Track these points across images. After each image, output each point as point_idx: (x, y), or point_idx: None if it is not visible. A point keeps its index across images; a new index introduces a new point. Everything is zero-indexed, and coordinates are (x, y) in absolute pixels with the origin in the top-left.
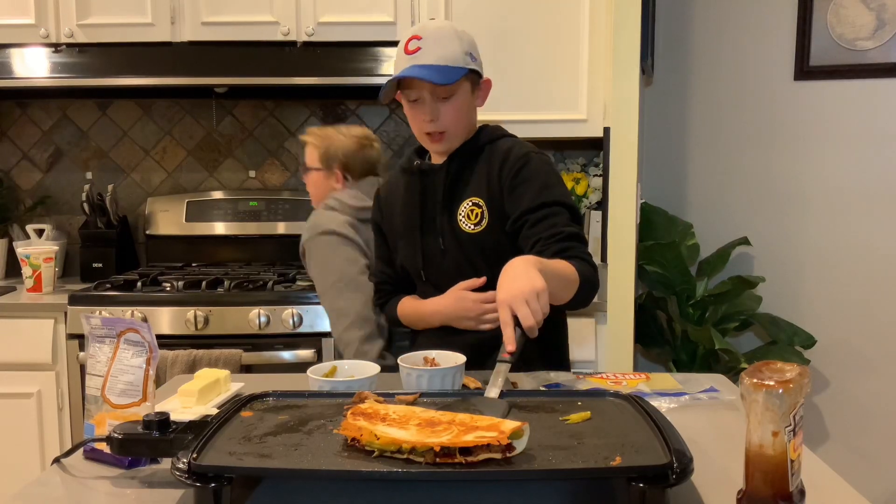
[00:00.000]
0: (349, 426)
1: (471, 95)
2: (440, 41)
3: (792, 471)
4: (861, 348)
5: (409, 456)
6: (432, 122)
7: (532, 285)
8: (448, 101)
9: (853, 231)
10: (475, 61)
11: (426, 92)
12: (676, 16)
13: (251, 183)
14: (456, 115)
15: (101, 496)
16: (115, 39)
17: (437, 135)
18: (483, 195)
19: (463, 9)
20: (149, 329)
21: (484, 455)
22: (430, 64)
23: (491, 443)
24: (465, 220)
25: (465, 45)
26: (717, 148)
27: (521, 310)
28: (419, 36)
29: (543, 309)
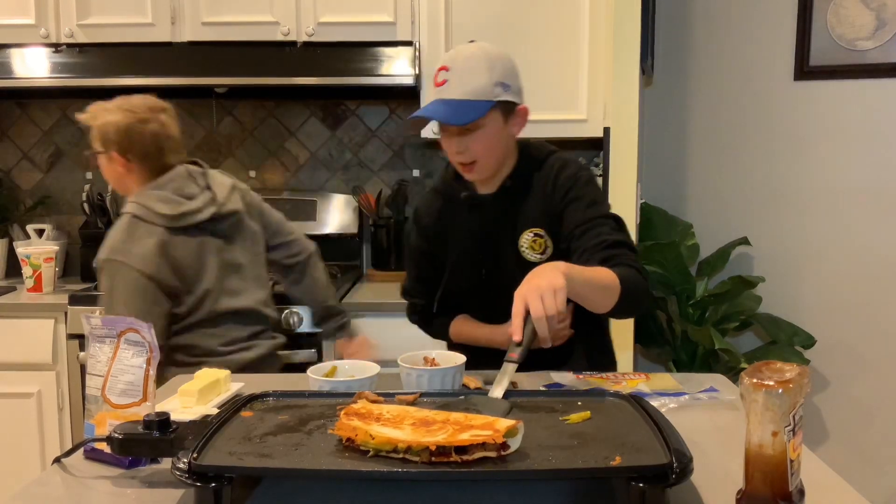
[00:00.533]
0: (344, 426)
1: (502, 125)
2: (468, 73)
3: (792, 471)
4: (861, 348)
5: (405, 455)
6: (460, 153)
7: (549, 282)
8: (475, 133)
9: (853, 231)
10: (508, 90)
11: (453, 126)
12: (676, 16)
13: (251, 183)
14: (484, 146)
15: (101, 496)
16: (115, 39)
17: (468, 165)
18: (543, 225)
19: (463, 8)
20: (149, 329)
21: (479, 454)
22: (453, 99)
23: (486, 441)
24: (529, 251)
25: (495, 74)
26: (717, 148)
27: (534, 303)
28: (447, 67)
29: (559, 307)
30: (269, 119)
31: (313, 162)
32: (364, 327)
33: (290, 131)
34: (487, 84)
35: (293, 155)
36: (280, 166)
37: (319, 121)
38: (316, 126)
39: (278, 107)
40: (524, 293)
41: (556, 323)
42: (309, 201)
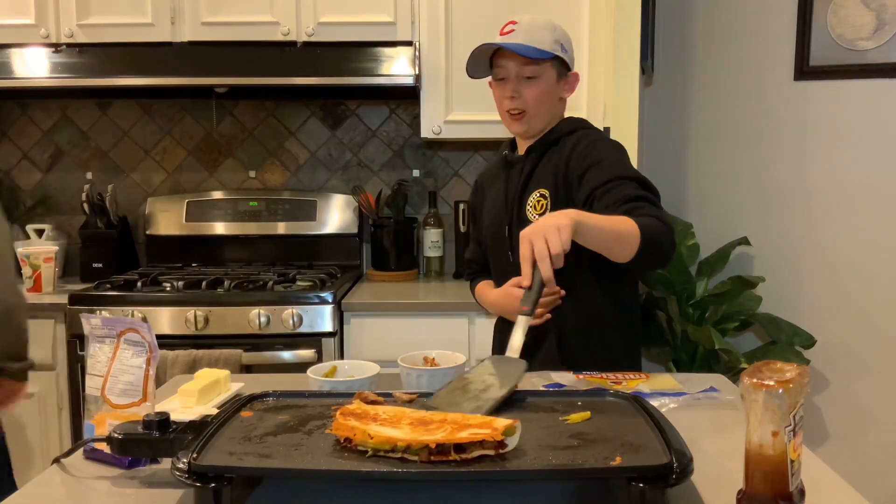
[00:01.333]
0: (341, 426)
1: (555, 83)
2: (533, 27)
3: (792, 471)
4: (861, 348)
5: (404, 455)
6: (513, 98)
7: (554, 221)
8: (531, 81)
9: (853, 231)
10: (565, 52)
11: (512, 68)
12: (676, 16)
13: (251, 183)
14: (538, 95)
15: (101, 496)
16: (115, 39)
17: (517, 114)
18: (549, 186)
19: (463, 8)
20: (149, 329)
21: (478, 452)
22: (519, 42)
23: (485, 439)
24: (531, 210)
25: (557, 35)
26: (717, 148)
27: (538, 243)
28: (515, 21)
29: (564, 245)
30: (269, 119)
31: (313, 162)
32: (364, 327)
33: (290, 131)
34: (549, 39)
35: (293, 155)
36: (280, 166)
37: (319, 121)
38: (316, 126)
39: (278, 107)
40: (528, 234)
41: (560, 262)
42: (309, 201)
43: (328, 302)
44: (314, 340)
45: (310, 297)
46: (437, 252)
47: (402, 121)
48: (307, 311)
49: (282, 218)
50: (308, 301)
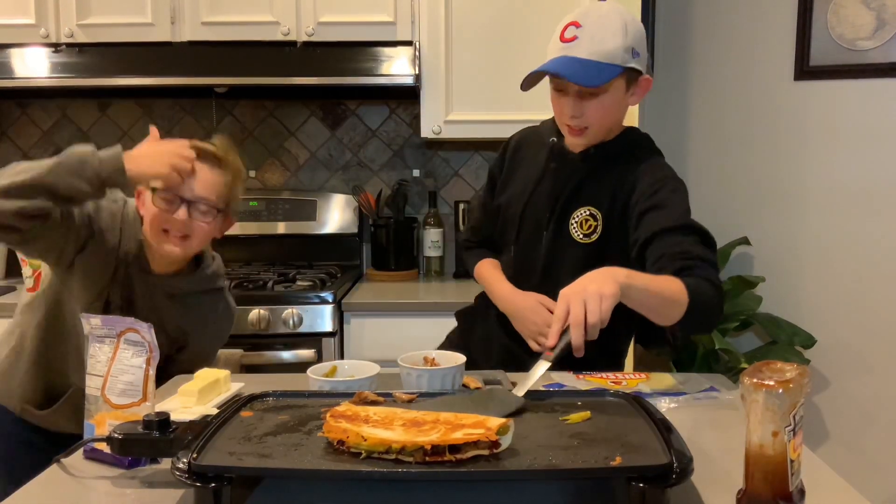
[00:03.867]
0: (333, 428)
1: (624, 94)
2: (600, 33)
3: (792, 471)
4: (861, 348)
5: (399, 456)
6: (575, 117)
7: (599, 287)
8: (596, 97)
9: (853, 231)
10: (637, 57)
11: (572, 86)
12: (676, 16)
13: (251, 183)
14: (602, 113)
15: (101, 496)
16: (115, 39)
17: (577, 130)
18: (603, 207)
19: (463, 8)
20: (149, 329)
21: (472, 452)
22: (582, 58)
23: (480, 439)
24: (576, 227)
25: (629, 39)
26: (717, 148)
27: (576, 306)
28: (578, 23)
29: (603, 315)
30: (269, 119)
31: (313, 162)
32: (364, 327)
33: (290, 131)
34: (620, 48)
35: (293, 155)
36: (280, 166)
37: (319, 121)
38: (316, 126)
39: (278, 107)
40: (569, 295)
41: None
42: (309, 201)
43: (328, 302)
44: (314, 340)
45: (310, 297)
46: (437, 252)
47: (402, 121)
48: (307, 311)
49: (282, 218)
50: (308, 301)
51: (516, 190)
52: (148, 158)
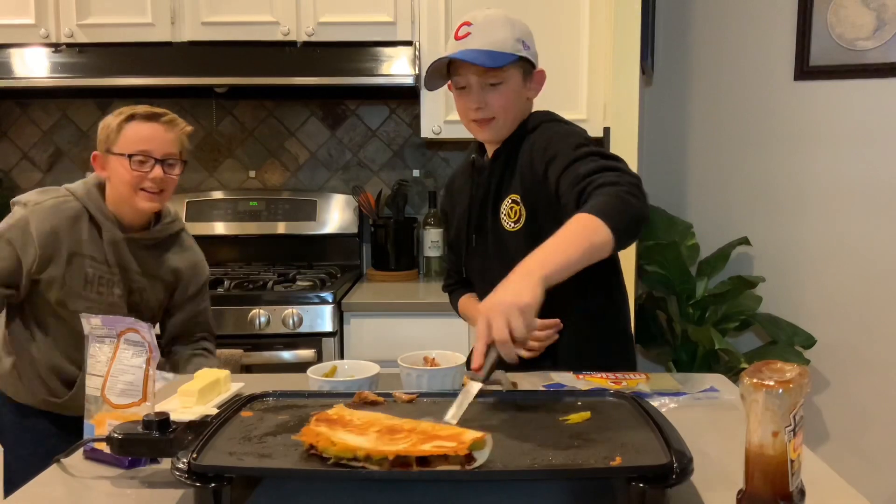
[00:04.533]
0: (308, 432)
1: (521, 84)
2: (490, 27)
3: (792, 471)
4: (861, 348)
5: (364, 464)
6: (479, 109)
7: (514, 299)
8: (496, 87)
9: (853, 231)
10: (528, 49)
11: (473, 78)
12: (676, 16)
13: (251, 183)
14: (504, 102)
15: (101, 496)
16: (115, 39)
17: (483, 121)
18: (519, 190)
19: (463, 9)
20: (149, 329)
21: (442, 466)
22: (478, 48)
23: (448, 453)
24: (506, 218)
25: (517, 32)
26: (717, 148)
27: (497, 324)
28: (469, 22)
29: (527, 328)
30: (269, 119)
31: (313, 162)
32: (364, 327)
33: (290, 131)
34: (509, 38)
35: (293, 155)
36: (280, 166)
37: (319, 121)
38: (316, 126)
39: (278, 107)
40: (486, 312)
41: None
42: (309, 201)
43: (328, 302)
44: (314, 340)
45: (310, 297)
46: (437, 252)
47: (402, 121)
48: (307, 311)
49: (282, 218)
50: (308, 301)
51: (458, 215)
52: None
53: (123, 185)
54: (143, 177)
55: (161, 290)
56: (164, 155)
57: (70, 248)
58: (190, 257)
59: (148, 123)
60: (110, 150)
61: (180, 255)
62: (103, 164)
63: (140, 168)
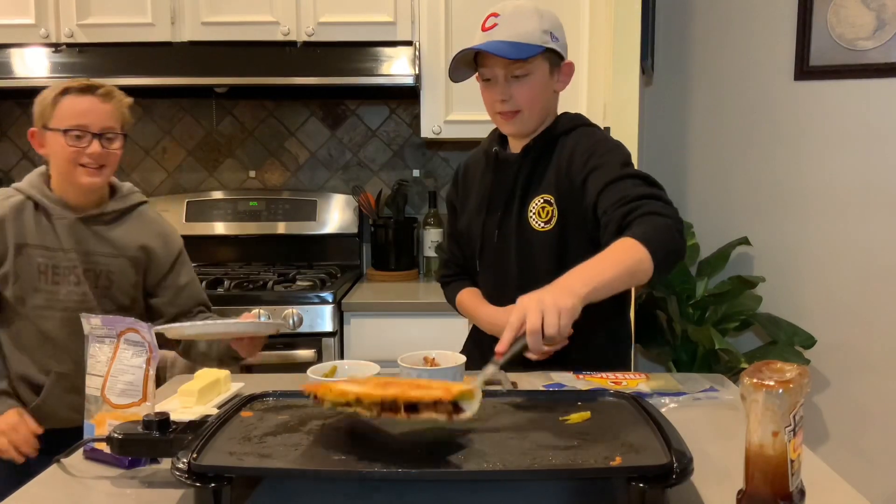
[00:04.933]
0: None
1: (548, 77)
2: (517, 18)
3: (792, 471)
4: (861, 348)
5: (358, 409)
6: (504, 101)
7: (556, 301)
8: (522, 80)
9: (853, 231)
10: (556, 41)
11: (499, 70)
12: (676, 16)
13: (251, 183)
14: (530, 94)
15: (101, 496)
16: (115, 39)
17: (508, 114)
18: (553, 192)
19: (463, 9)
20: (149, 329)
21: (429, 413)
22: (504, 40)
23: (436, 399)
24: (535, 217)
25: (545, 23)
26: (717, 148)
27: (533, 315)
28: (497, 13)
29: (561, 329)
30: (269, 119)
31: (313, 162)
32: (364, 327)
33: (290, 131)
34: (537, 29)
35: (293, 155)
36: (280, 166)
37: (319, 121)
38: (316, 126)
39: (278, 107)
40: (525, 304)
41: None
42: (309, 201)
43: (328, 302)
44: (314, 340)
45: (310, 297)
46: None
47: (402, 121)
48: (307, 310)
49: (282, 218)
50: (308, 301)
51: (473, 206)
52: None
53: (62, 162)
54: (80, 152)
55: (131, 270)
56: (101, 129)
57: (17, 240)
58: (155, 229)
59: (83, 97)
60: (46, 126)
61: (145, 229)
62: (41, 141)
63: (77, 143)
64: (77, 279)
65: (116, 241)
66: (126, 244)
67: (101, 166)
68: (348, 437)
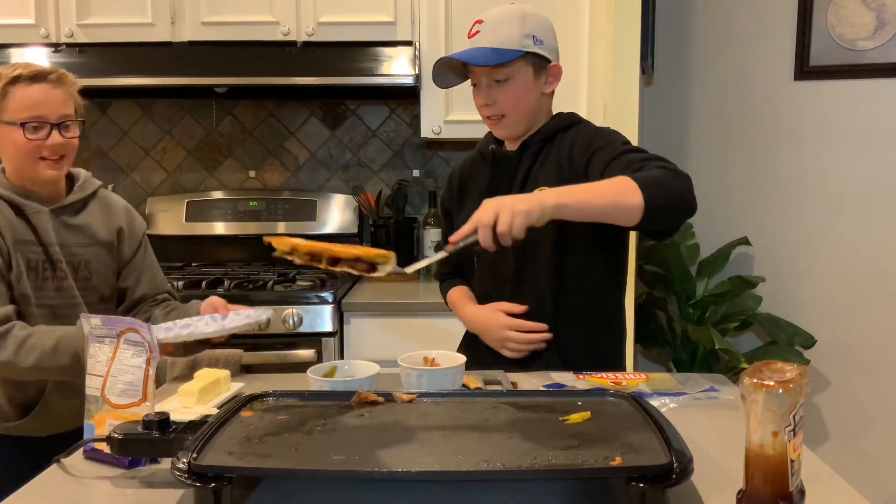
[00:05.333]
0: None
1: (532, 80)
2: (498, 24)
3: (792, 471)
4: (861, 348)
5: (294, 257)
6: (487, 106)
7: (514, 203)
8: (504, 84)
9: (853, 231)
10: (539, 44)
11: (482, 75)
12: (676, 16)
13: (251, 183)
14: (512, 98)
15: (101, 496)
16: (115, 39)
17: (495, 118)
18: (553, 182)
19: (463, 9)
20: (149, 329)
21: (345, 268)
22: (482, 46)
23: (357, 257)
24: None
25: (526, 27)
26: (717, 148)
27: (487, 213)
28: (482, 20)
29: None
30: (269, 119)
31: (313, 162)
32: (364, 327)
33: (290, 131)
34: (516, 35)
35: (293, 155)
36: (280, 166)
37: (319, 121)
38: (316, 126)
39: (278, 107)
40: (487, 203)
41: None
42: (309, 201)
43: (328, 302)
44: (314, 340)
45: (310, 297)
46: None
47: (402, 121)
48: (307, 310)
49: (282, 218)
50: (308, 301)
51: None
52: None
53: (21, 157)
54: (40, 145)
55: (108, 257)
56: (59, 117)
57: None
58: (122, 209)
59: (35, 85)
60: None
61: (112, 211)
62: None
63: (35, 135)
64: (64, 273)
65: (87, 230)
66: (97, 230)
67: (61, 157)
68: (348, 437)
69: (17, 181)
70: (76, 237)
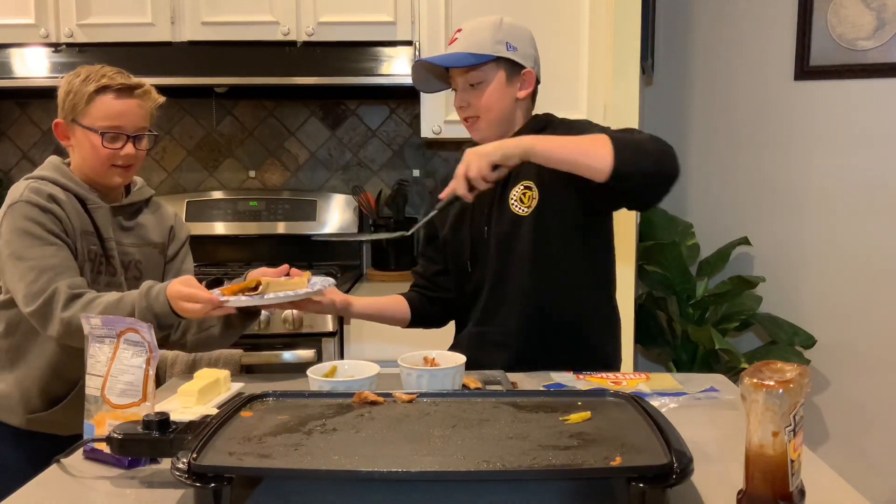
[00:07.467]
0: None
1: (505, 84)
2: (475, 31)
3: (792, 471)
4: (861, 348)
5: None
6: (462, 108)
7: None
8: (477, 87)
9: (853, 231)
10: (512, 50)
11: (459, 79)
12: (676, 16)
13: (251, 183)
14: (486, 101)
15: (101, 496)
16: (115, 39)
17: (471, 119)
18: (534, 178)
19: (463, 8)
20: (149, 329)
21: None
22: (456, 51)
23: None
24: (517, 203)
25: (500, 34)
26: (717, 148)
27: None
28: (461, 28)
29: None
30: (269, 119)
31: (313, 162)
32: (364, 327)
33: (290, 131)
34: (489, 40)
35: (293, 155)
36: (280, 166)
37: (319, 121)
38: (316, 126)
39: (278, 107)
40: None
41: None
42: (309, 201)
43: None
44: (314, 340)
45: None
46: None
47: (402, 121)
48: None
49: (282, 218)
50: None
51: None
52: None
53: (94, 161)
54: (115, 154)
55: (157, 256)
56: (136, 130)
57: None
58: (170, 213)
59: (122, 99)
60: (77, 121)
61: (162, 215)
62: (67, 134)
63: (112, 144)
64: (115, 269)
65: (140, 231)
66: (149, 232)
67: (129, 165)
68: (348, 438)
69: (83, 177)
70: (129, 237)
